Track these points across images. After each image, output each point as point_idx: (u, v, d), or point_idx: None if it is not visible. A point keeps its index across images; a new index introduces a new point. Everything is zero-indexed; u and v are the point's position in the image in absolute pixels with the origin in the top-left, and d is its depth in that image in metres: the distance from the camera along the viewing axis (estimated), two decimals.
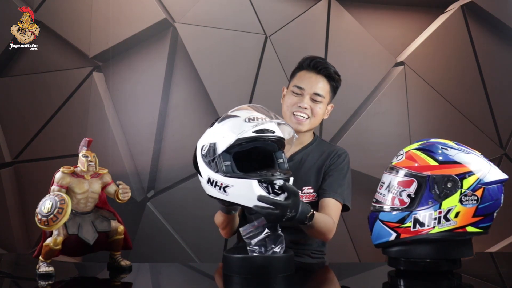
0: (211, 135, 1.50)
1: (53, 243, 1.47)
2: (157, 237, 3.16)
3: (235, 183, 1.44)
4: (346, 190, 1.91)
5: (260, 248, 1.47)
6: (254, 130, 1.45)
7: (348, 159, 1.97)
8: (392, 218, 1.48)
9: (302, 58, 2.00)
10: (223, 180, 1.46)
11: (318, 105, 1.92)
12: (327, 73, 1.94)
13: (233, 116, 1.50)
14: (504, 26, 3.36)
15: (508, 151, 3.35)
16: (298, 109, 1.90)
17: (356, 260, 3.22)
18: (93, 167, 1.52)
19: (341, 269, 1.74)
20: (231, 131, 1.45)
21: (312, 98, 1.91)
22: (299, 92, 1.92)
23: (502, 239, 3.33)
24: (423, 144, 1.54)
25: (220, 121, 1.51)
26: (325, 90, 1.93)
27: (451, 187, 1.43)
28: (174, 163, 3.18)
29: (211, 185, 1.49)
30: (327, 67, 1.95)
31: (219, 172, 1.46)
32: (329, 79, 1.94)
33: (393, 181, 1.50)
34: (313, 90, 1.91)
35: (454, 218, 1.43)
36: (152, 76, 3.21)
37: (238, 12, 3.24)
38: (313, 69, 1.94)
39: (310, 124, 1.93)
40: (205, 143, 1.50)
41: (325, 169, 1.93)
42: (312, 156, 1.95)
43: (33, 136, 3.19)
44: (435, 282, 1.47)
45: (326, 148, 1.98)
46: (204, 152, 1.50)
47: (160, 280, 1.62)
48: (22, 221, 3.20)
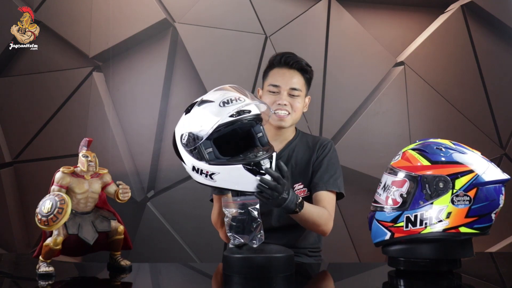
0: (189, 124, 1.49)
1: (53, 243, 1.47)
2: (157, 237, 3.16)
3: (221, 170, 1.45)
4: (338, 179, 1.93)
5: (237, 233, 1.50)
6: (230, 114, 1.44)
7: (333, 147, 1.99)
8: (386, 218, 1.49)
9: (271, 56, 2.01)
10: (208, 168, 1.47)
11: (296, 99, 1.93)
12: (299, 67, 1.95)
13: (208, 102, 1.49)
14: (504, 26, 3.36)
15: (508, 151, 3.35)
16: (277, 106, 1.92)
17: (356, 260, 3.22)
18: (93, 167, 1.52)
19: (341, 269, 1.74)
20: (208, 118, 1.44)
21: (289, 93, 1.93)
22: (276, 90, 1.93)
23: (502, 239, 3.33)
24: (420, 144, 1.54)
25: (196, 107, 1.50)
26: (300, 83, 1.95)
27: (442, 187, 1.43)
28: (174, 163, 3.15)
29: (197, 173, 1.49)
30: (298, 60, 1.96)
31: (203, 160, 1.46)
32: (302, 72, 1.96)
33: (388, 181, 1.51)
34: (289, 85, 1.93)
35: (446, 219, 1.43)
36: (152, 76, 3.21)
37: (238, 12, 3.24)
38: (285, 64, 1.95)
39: (292, 119, 1.94)
40: (184, 132, 1.49)
41: (313, 162, 1.95)
42: (298, 151, 1.97)
43: (33, 136, 3.19)
44: (435, 282, 1.47)
45: (310, 140, 2.00)
46: (184, 142, 1.49)
47: (160, 280, 1.62)
48: (22, 221, 3.20)
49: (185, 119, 1.52)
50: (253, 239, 1.49)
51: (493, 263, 1.87)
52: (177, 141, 1.52)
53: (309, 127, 3.20)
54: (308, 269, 1.76)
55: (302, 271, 1.64)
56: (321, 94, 3.24)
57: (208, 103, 1.48)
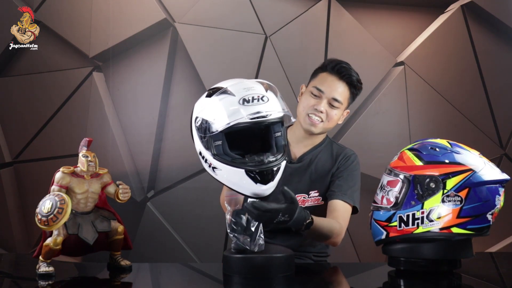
0: (206, 110, 1.44)
1: (53, 243, 1.47)
2: (157, 237, 3.16)
3: (223, 167, 1.42)
4: (356, 192, 1.89)
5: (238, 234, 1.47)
6: (250, 116, 1.37)
7: (357, 161, 1.95)
8: (381, 217, 1.50)
9: (328, 59, 1.96)
10: (211, 161, 1.43)
11: (334, 110, 1.88)
12: (349, 80, 1.90)
13: (228, 93, 1.41)
14: (504, 26, 3.36)
15: (508, 151, 3.35)
16: (314, 111, 1.87)
17: (356, 260, 3.22)
18: (93, 167, 1.52)
19: (341, 269, 1.74)
20: (223, 113, 1.38)
21: (329, 102, 1.87)
22: (318, 94, 1.88)
23: (502, 239, 3.33)
24: (416, 144, 1.54)
25: (217, 95, 1.43)
26: (344, 96, 1.89)
27: (434, 188, 1.43)
28: (174, 163, 3.18)
29: (202, 159, 1.47)
30: (351, 74, 1.90)
31: (209, 150, 1.43)
32: (350, 86, 1.90)
33: (384, 181, 1.52)
34: (332, 95, 1.87)
35: (437, 219, 1.43)
36: (152, 76, 3.21)
37: (238, 12, 3.24)
38: (337, 73, 1.89)
39: (324, 127, 1.90)
40: (199, 116, 1.45)
41: (334, 171, 1.90)
42: (321, 158, 1.93)
43: (33, 136, 3.19)
44: (435, 282, 1.47)
45: (335, 150, 1.96)
46: (197, 125, 1.45)
47: (160, 280, 1.62)
48: (22, 221, 3.20)
49: (204, 102, 1.46)
50: (254, 243, 1.46)
51: (493, 263, 1.87)
52: (192, 120, 1.48)
53: None
54: (308, 269, 1.76)
55: (302, 271, 1.64)
56: None
57: (228, 95, 1.41)
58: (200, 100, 1.49)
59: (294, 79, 3.20)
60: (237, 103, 1.39)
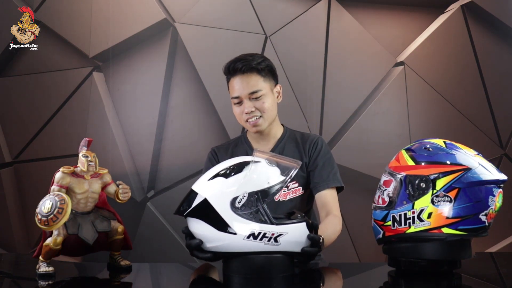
0: (245, 184, 1.39)
1: (53, 243, 1.47)
2: (157, 237, 3.16)
3: (289, 229, 1.40)
4: (336, 173, 1.93)
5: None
6: (281, 173, 1.41)
7: (324, 142, 1.98)
8: (378, 216, 1.52)
9: (222, 67, 1.94)
10: (275, 230, 1.39)
11: (260, 100, 1.88)
12: (249, 69, 1.87)
13: (254, 162, 1.42)
14: (504, 26, 3.36)
15: (508, 151, 3.35)
16: (246, 116, 1.88)
17: (356, 260, 3.22)
18: (93, 167, 1.52)
19: (341, 269, 1.74)
20: (274, 174, 1.40)
21: (250, 98, 1.87)
22: (237, 101, 1.89)
23: (502, 239, 3.33)
24: (414, 144, 1.55)
25: (242, 171, 1.40)
26: (257, 83, 1.88)
27: (424, 187, 1.43)
28: (174, 163, 3.18)
29: (254, 239, 1.38)
30: (247, 63, 1.87)
31: (267, 222, 1.38)
32: (256, 71, 1.88)
33: (381, 181, 1.54)
34: (246, 91, 1.87)
35: (428, 219, 1.43)
36: (152, 76, 3.21)
37: (238, 12, 3.24)
38: (235, 72, 1.89)
39: (267, 120, 1.91)
40: (240, 194, 1.38)
41: (307, 162, 1.94)
42: (288, 149, 1.96)
43: (33, 136, 3.19)
44: (435, 282, 1.47)
45: (299, 138, 1.99)
46: (240, 205, 1.38)
47: (160, 280, 1.62)
48: (22, 221, 3.20)
49: (234, 180, 1.40)
50: None
51: (493, 263, 1.87)
52: (220, 209, 1.38)
53: (309, 127, 3.20)
54: (308, 269, 1.76)
55: (302, 271, 1.64)
56: (321, 94, 3.24)
57: (256, 163, 1.42)
58: (214, 188, 1.42)
59: (294, 79, 3.20)
60: (269, 165, 1.44)
